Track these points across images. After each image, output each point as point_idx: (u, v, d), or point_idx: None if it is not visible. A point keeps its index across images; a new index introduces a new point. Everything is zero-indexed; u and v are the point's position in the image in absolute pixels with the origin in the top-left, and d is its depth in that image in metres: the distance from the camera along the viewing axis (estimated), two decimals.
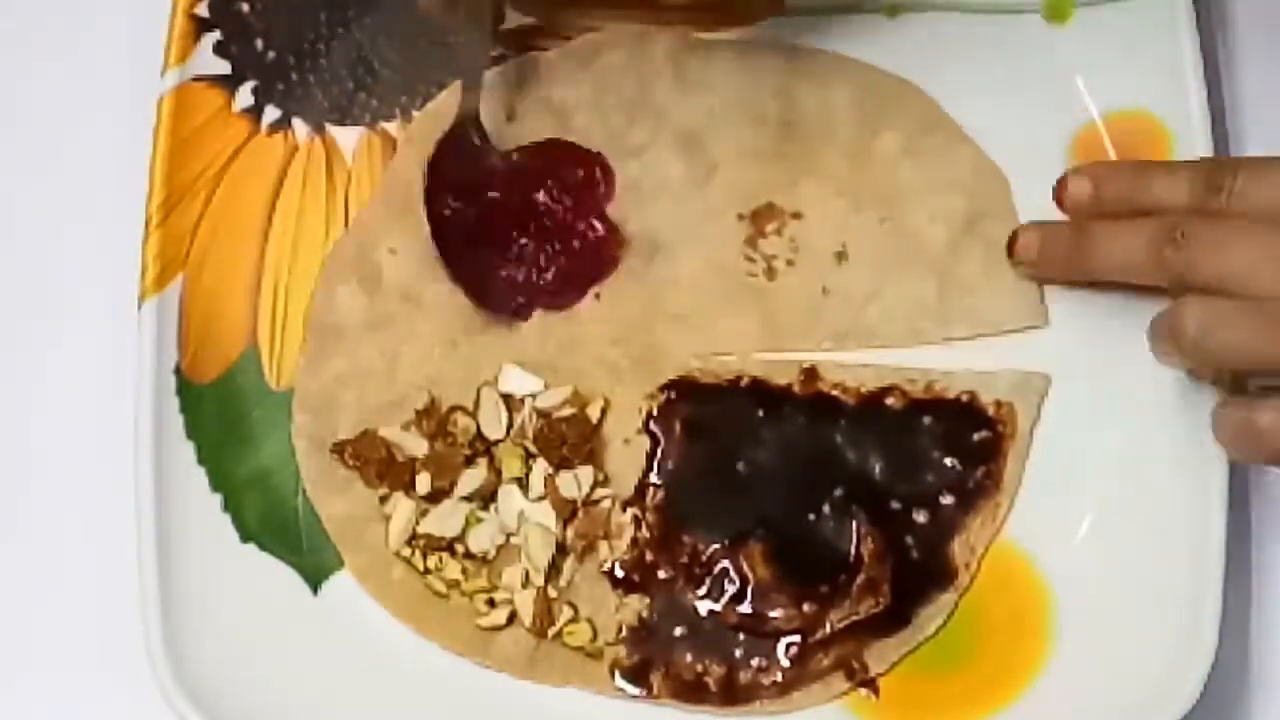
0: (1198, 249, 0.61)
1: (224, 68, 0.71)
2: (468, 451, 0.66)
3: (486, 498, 0.66)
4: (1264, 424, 0.59)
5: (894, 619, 0.64)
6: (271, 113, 0.71)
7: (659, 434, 0.67)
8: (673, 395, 0.67)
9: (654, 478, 0.66)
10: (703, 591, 0.65)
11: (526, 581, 0.65)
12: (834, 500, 0.66)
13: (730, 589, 0.65)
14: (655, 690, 0.64)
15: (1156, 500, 0.64)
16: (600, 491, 0.66)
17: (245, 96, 0.71)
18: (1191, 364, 0.63)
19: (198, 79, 0.70)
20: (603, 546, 0.66)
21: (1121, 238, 0.64)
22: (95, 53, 0.74)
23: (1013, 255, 0.67)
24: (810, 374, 0.67)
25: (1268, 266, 0.60)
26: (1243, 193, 0.62)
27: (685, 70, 0.70)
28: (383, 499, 0.66)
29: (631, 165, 0.70)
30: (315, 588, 0.66)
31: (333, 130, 0.71)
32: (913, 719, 0.64)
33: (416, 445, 0.66)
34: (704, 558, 0.65)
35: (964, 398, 0.67)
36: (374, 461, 0.66)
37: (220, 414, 0.67)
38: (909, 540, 0.65)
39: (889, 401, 0.67)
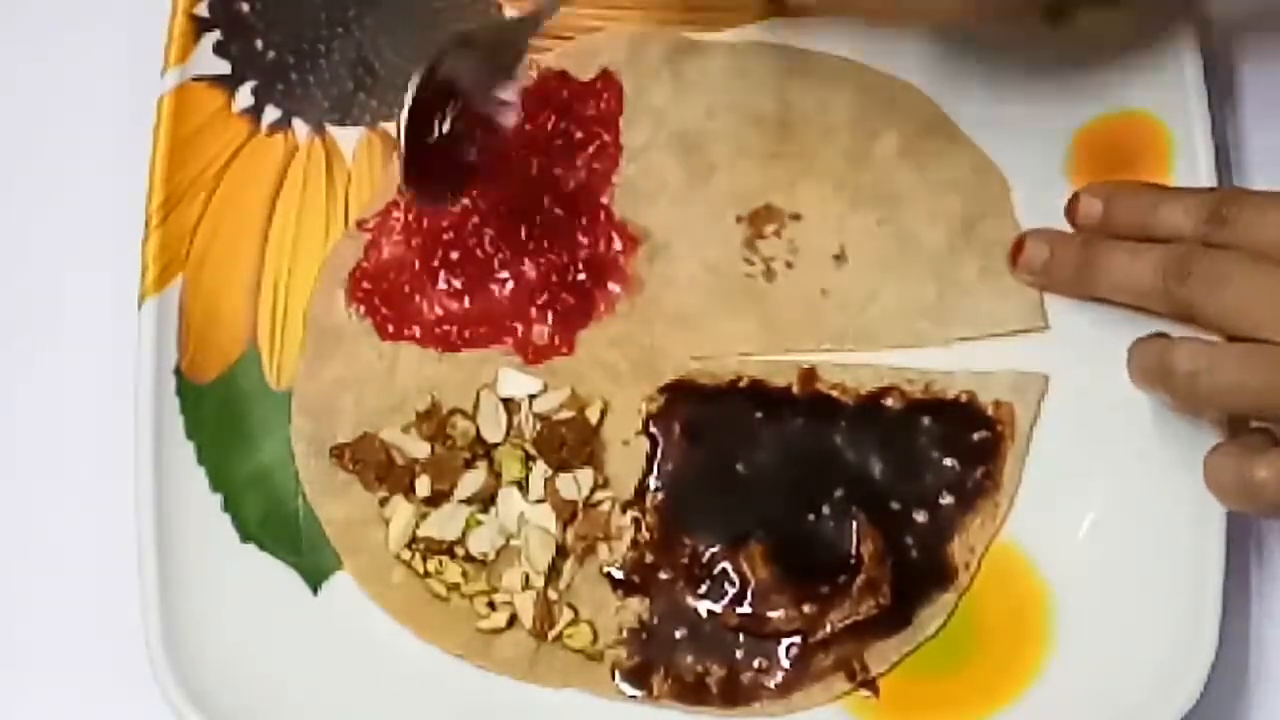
0: (1198, 284, 0.61)
1: (224, 68, 0.71)
2: (467, 454, 0.66)
3: (486, 500, 0.66)
4: (1260, 479, 0.59)
5: (894, 619, 0.64)
6: (271, 113, 0.71)
7: (658, 436, 0.67)
8: (672, 397, 0.67)
9: (653, 480, 0.66)
10: (703, 593, 0.65)
11: (526, 584, 0.65)
12: (833, 501, 0.66)
13: (730, 590, 0.65)
14: (656, 692, 0.64)
15: (1156, 500, 0.64)
16: (600, 493, 0.66)
17: (245, 96, 0.71)
18: (1182, 405, 0.63)
19: (198, 79, 0.70)
20: (603, 548, 0.66)
21: (1128, 265, 0.64)
22: (95, 53, 0.74)
23: (1016, 265, 0.67)
24: (809, 375, 0.67)
25: (1262, 306, 0.59)
26: (1247, 227, 0.61)
27: (683, 71, 0.70)
28: (382, 502, 0.66)
29: (630, 167, 0.70)
30: (315, 588, 0.66)
31: (333, 130, 0.71)
32: (913, 719, 0.64)
33: (416, 448, 0.66)
34: (704, 559, 0.65)
35: (963, 398, 0.67)
36: (373, 465, 0.66)
37: (220, 414, 0.67)
38: (909, 540, 0.65)
39: (888, 402, 0.67)
